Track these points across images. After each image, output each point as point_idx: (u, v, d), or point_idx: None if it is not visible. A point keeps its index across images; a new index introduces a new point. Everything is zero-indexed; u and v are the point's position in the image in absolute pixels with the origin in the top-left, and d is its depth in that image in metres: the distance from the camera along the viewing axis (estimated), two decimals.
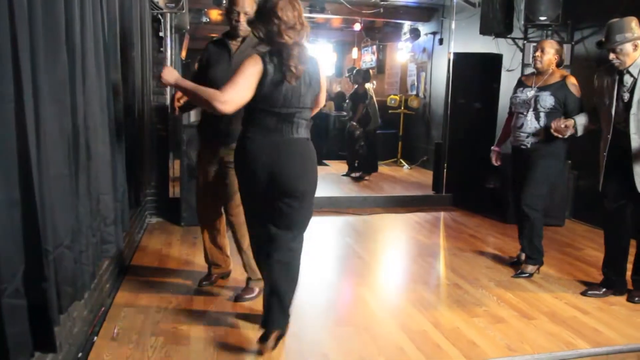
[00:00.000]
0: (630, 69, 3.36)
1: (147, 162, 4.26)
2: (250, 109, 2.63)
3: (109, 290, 3.34)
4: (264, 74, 2.53)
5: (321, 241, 5.10)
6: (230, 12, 3.17)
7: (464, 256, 4.59)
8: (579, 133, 3.78)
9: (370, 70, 9.82)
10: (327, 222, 5.79)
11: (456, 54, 6.94)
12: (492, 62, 6.91)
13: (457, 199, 6.75)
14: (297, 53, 2.56)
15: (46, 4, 1.78)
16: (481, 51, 7.21)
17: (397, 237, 5.57)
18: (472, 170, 6.63)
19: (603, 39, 3.43)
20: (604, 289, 3.70)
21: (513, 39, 6.61)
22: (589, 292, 3.72)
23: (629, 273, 3.73)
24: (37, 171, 1.68)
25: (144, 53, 4.23)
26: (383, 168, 9.63)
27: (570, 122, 3.75)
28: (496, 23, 6.48)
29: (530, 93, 4.02)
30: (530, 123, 3.99)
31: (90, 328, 2.83)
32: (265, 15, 2.57)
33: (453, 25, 7.26)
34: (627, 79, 3.39)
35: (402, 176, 9.09)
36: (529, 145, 4.01)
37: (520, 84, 4.20)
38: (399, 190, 7.70)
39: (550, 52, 3.99)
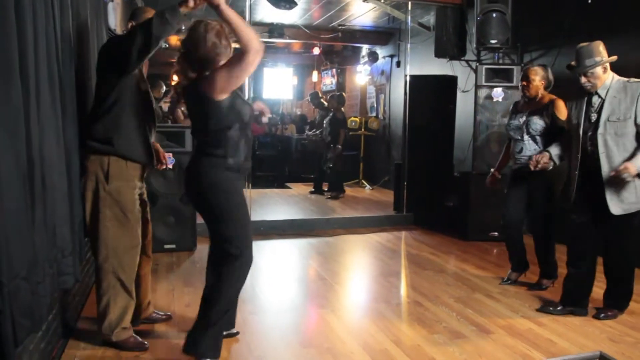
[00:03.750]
0: (599, 91, 3.45)
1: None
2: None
3: (69, 320, 3.28)
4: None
5: (284, 263, 5.13)
6: None
7: (425, 274, 4.68)
8: (557, 162, 3.83)
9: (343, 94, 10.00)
10: (290, 245, 5.83)
11: (413, 77, 7.13)
12: (448, 84, 7.12)
13: (417, 218, 6.87)
14: None
15: None
16: (437, 73, 7.42)
17: (359, 258, 5.63)
18: (431, 189, 6.79)
19: (573, 63, 3.52)
20: (560, 306, 3.75)
21: (467, 61, 6.83)
22: (549, 308, 3.75)
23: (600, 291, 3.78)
24: None
25: None
26: (345, 189, 9.73)
27: (545, 155, 3.80)
28: (450, 46, 6.72)
29: (522, 119, 4.16)
30: (529, 146, 4.12)
31: None
32: (216, 44, 2.70)
33: (409, 49, 7.46)
34: (595, 100, 3.48)
35: (364, 197, 9.20)
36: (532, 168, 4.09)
37: (514, 110, 4.34)
38: (361, 210, 7.79)
39: (535, 79, 4.12)
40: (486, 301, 3.98)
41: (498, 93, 5.89)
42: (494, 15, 5.88)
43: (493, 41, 5.93)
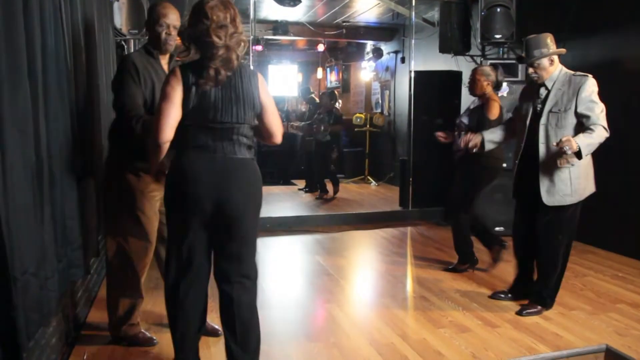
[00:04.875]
0: (546, 83, 3.54)
1: None
2: (181, 127, 2.36)
3: (78, 316, 3.32)
4: (186, 86, 2.31)
5: (291, 259, 5.16)
6: (159, 25, 2.86)
7: (431, 269, 4.69)
8: (486, 148, 3.91)
9: (335, 91, 9.98)
10: (297, 241, 5.85)
11: (417, 72, 7.13)
12: (452, 79, 7.10)
13: (423, 213, 6.88)
14: (223, 55, 2.31)
15: (7, 33, 1.82)
16: (441, 69, 7.41)
17: (365, 253, 5.65)
18: (437, 184, 6.78)
19: (523, 54, 3.61)
20: (510, 294, 3.90)
21: (471, 56, 6.81)
22: (500, 295, 3.91)
23: None
24: (3, 201, 1.71)
25: (108, 79, 4.26)
26: (351, 185, 9.75)
27: (478, 137, 3.88)
28: (454, 42, 6.70)
29: (464, 118, 4.42)
30: (458, 141, 4.22)
31: (58, 356, 2.81)
32: (195, 16, 2.36)
33: (413, 45, 7.47)
34: (542, 92, 3.57)
35: (369, 193, 9.21)
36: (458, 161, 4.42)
37: (467, 108, 4.56)
38: (367, 207, 7.81)
39: (480, 79, 4.29)
40: None
41: (503, 88, 5.87)
42: (498, 10, 5.87)
43: (497, 36, 5.93)
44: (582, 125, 3.40)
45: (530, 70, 3.54)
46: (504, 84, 5.87)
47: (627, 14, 5.08)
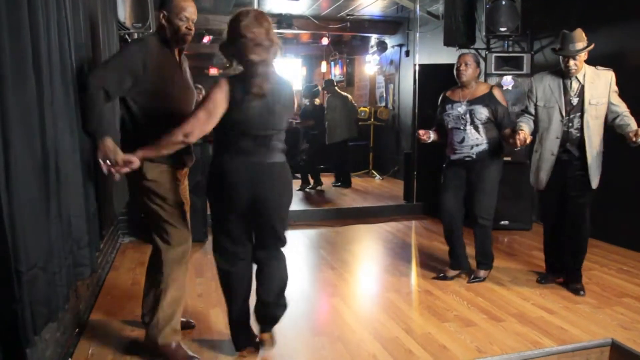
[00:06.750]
0: (578, 76, 3.69)
1: (118, 182, 4.25)
2: (224, 133, 2.63)
3: (83, 311, 3.33)
4: (232, 97, 2.53)
5: (295, 253, 5.15)
6: (180, 19, 2.74)
7: (435, 263, 4.68)
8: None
9: (319, 87, 9.90)
10: (301, 235, 5.85)
11: (422, 66, 7.10)
12: None
13: (428, 207, 6.86)
14: (263, 71, 2.55)
15: (12, 27, 1.81)
16: (446, 62, 7.36)
17: (369, 247, 5.64)
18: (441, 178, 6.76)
19: (558, 47, 3.70)
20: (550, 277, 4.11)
21: (476, 49, 6.77)
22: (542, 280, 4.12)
23: None
24: (7, 194, 1.71)
25: None
26: (355, 179, 9.73)
27: (526, 133, 3.77)
28: (459, 35, 6.65)
29: (461, 108, 4.05)
30: (471, 135, 4.01)
31: (63, 350, 2.82)
32: (231, 33, 2.57)
33: (417, 38, 7.44)
34: (575, 85, 3.71)
35: (374, 187, 9.20)
36: (474, 156, 4.03)
37: (447, 100, 4.20)
38: (371, 200, 7.80)
39: (472, 65, 4.10)
40: (497, 289, 3.99)
41: (508, 81, 5.87)
42: (503, 2, 5.84)
43: (502, 29, 5.90)
44: (612, 114, 3.67)
45: (572, 62, 3.65)
46: (509, 77, 5.86)
47: (633, 6, 5.03)
